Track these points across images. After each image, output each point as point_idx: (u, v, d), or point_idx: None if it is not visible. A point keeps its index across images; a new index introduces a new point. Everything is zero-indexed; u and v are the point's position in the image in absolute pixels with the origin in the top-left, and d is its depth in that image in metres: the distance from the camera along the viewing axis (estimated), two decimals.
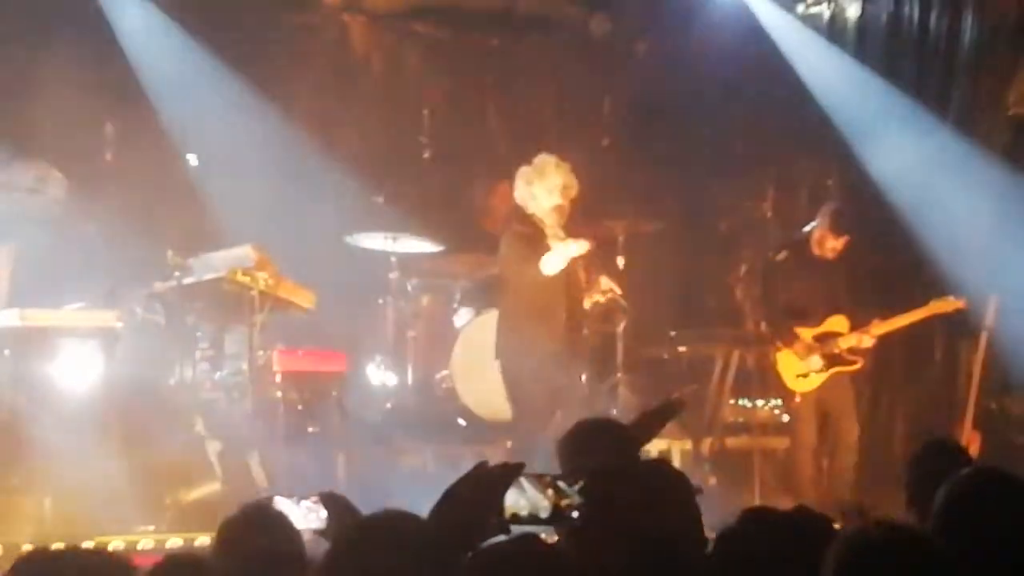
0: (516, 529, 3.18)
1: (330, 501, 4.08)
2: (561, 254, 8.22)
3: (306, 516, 4.02)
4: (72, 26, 10.21)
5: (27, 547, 7.17)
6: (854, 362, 9.17)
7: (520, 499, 3.15)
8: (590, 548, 3.29)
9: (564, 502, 3.20)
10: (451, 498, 2.99)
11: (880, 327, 9.14)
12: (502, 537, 3.14)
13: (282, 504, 4.13)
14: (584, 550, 3.29)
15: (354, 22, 11.54)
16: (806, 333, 9.16)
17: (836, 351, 9.10)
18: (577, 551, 3.33)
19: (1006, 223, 9.98)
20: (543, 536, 3.24)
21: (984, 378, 9.46)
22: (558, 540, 3.60)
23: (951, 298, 9.19)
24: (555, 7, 11.84)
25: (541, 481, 3.18)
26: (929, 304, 9.19)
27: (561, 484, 3.21)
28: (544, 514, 3.19)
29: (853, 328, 9.15)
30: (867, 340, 9.13)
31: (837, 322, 9.19)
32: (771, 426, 9.84)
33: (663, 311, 10.61)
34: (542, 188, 8.40)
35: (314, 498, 4.06)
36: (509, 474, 3.02)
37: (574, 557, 3.24)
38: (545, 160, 8.47)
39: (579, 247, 8.23)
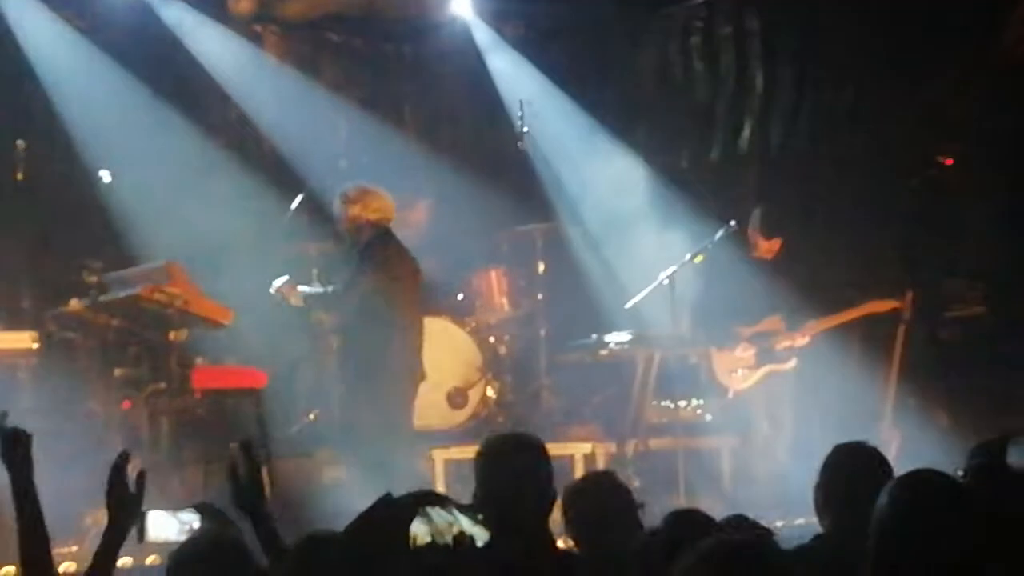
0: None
1: (206, 511, 4.15)
2: None
3: (183, 527, 4.11)
4: None
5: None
6: (787, 360, 9.30)
7: (425, 527, 3.15)
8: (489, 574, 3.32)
9: (469, 530, 3.20)
10: (359, 528, 2.99)
11: (815, 327, 9.28)
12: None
13: (158, 516, 4.17)
14: None
15: (266, 32, 11.48)
16: (741, 332, 9.28)
17: (770, 349, 9.24)
18: None
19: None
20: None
21: (903, 375, 9.60)
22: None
23: (888, 300, 9.39)
24: (466, 13, 11.81)
25: (446, 509, 3.18)
26: (866, 304, 9.36)
27: (467, 512, 3.21)
28: (447, 541, 3.19)
29: (788, 327, 9.28)
30: (801, 340, 9.28)
31: (772, 322, 9.31)
32: (695, 426, 9.89)
33: (583, 315, 10.63)
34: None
35: (190, 509, 4.13)
36: (416, 503, 3.02)
37: None
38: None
39: None
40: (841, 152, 11.35)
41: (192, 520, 4.20)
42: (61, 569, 7.43)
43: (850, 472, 4.65)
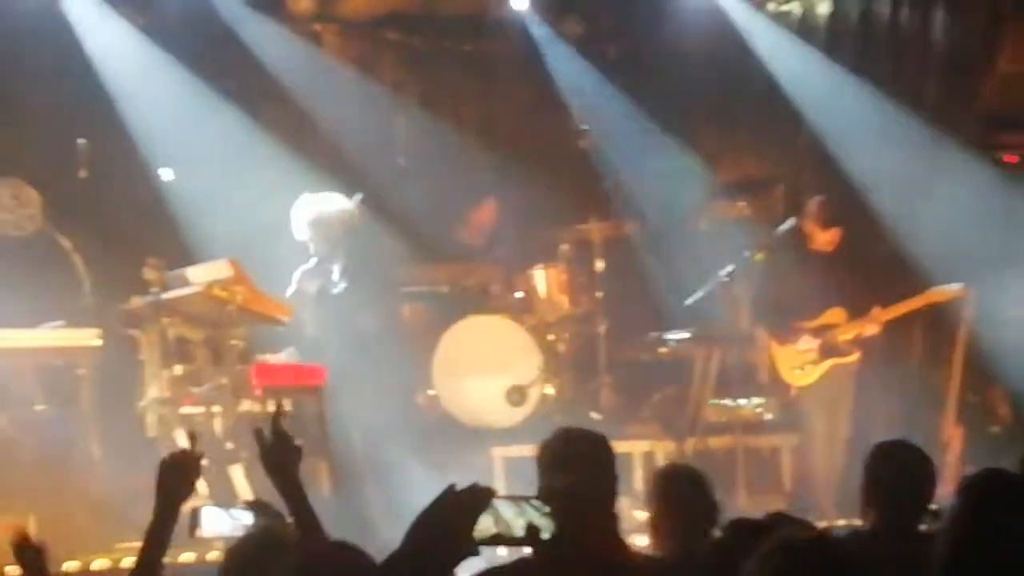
0: (487, 551, 3.18)
1: (259, 508, 4.17)
2: None
3: (237, 523, 4.13)
4: (44, 44, 10.18)
5: (12, 569, 7.17)
6: (849, 353, 9.25)
7: (492, 520, 3.14)
8: (561, 569, 3.31)
9: (535, 522, 3.18)
10: (423, 523, 2.98)
11: (882, 313, 9.21)
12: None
13: (213, 512, 4.19)
14: (555, 571, 3.31)
15: (326, 31, 11.52)
16: (802, 326, 9.24)
17: (833, 342, 9.19)
18: (549, 572, 3.34)
19: (980, 217, 10.05)
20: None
21: (965, 372, 9.53)
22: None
23: (951, 286, 9.30)
24: (527, 10, 11.82)
25: (514, 502, 3.17)
26: (927, 292, 9.29)
27: (534, 504, 3.20)
28: (518, 534, 3.18)
29: (852, 318, 9.23)
30: (870, 327, 9.22)
31: (834, 314, 9.27)
32: (754, 424, 9.86)
33: (643, 313, 10.62)
34: None
35: (244, 505, 4.15)
36: (482, 496, 3.01)
37: None
38: None
39: None
40: None
41: (246, 517, 4.22)
42: (123, 564, 7.50)
43: (893, 469, 4.64)
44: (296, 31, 11.33)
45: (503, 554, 3.83)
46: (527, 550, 3.58)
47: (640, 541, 5.22)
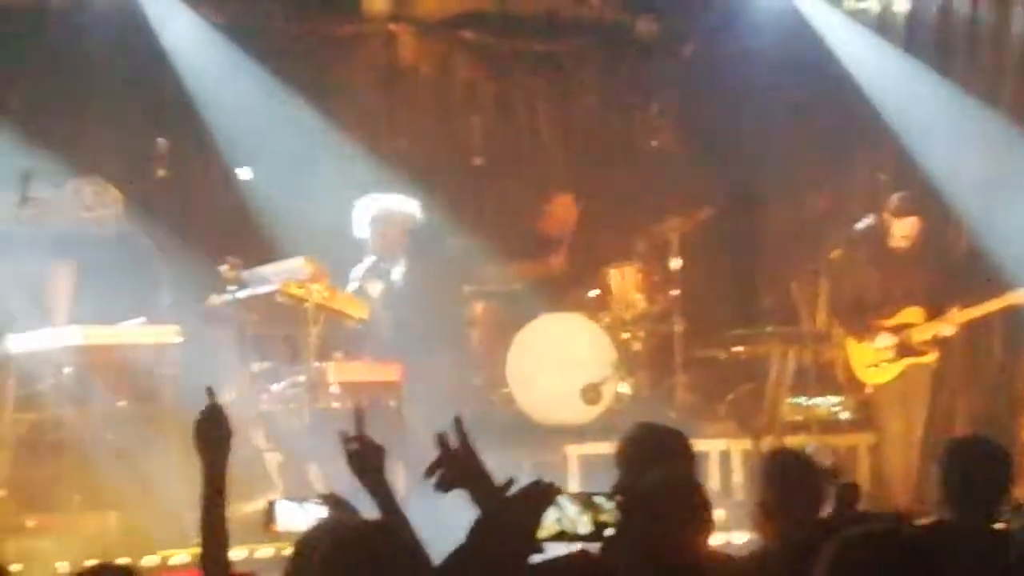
0: (553, 547, 3.19)
1: (334, 502, 4.21)
2: None
3: (312, 517, 4.19)
4: (122, 43, 10.28)
5: (91, 563, 7.27)
6: (926, 353, 9.19)
7: (558, 516, 3.16)
8: (625, 564, 3.32)
9: (602, 518, 3.20)
10: (490, 518, 3.00)
11: (960, 315, 9.14)
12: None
13: (288, 507, 4.24)
14: (619, 567, 3.31)
15: (401, 31, 11.58)
16: (879, 324, 9.19)
17: (909, 342, 9.13)
18: (613, 568, 3.34)
19: None
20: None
21: None
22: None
23: None
24: (602, 9, 11.82)
25: (579, 498, 3.18)
26: (1006, 295, 9.20)
27: (598, 500, 3.21)
28: (583, 531, 3.20)
29: (929, 318, 9.17)
30: (947, 328, 9.15)
31: (911, 313, 9.21)
32: (831, 423, 9.81)
33: (719, 311, 10.59)
34: None
35: (317, 499, 4.19)
36: (548, 493, 3.03)
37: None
38: None
39: None
40: None
41: (320, 511, 4.26)
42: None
43: (969, 463, 4.60)
44: (371, 31, 11.40)
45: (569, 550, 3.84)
46: (592, 547, 3.59)
47: (715, 539, 5.21)
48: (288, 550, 6.84)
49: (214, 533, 4.11)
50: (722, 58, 11.40)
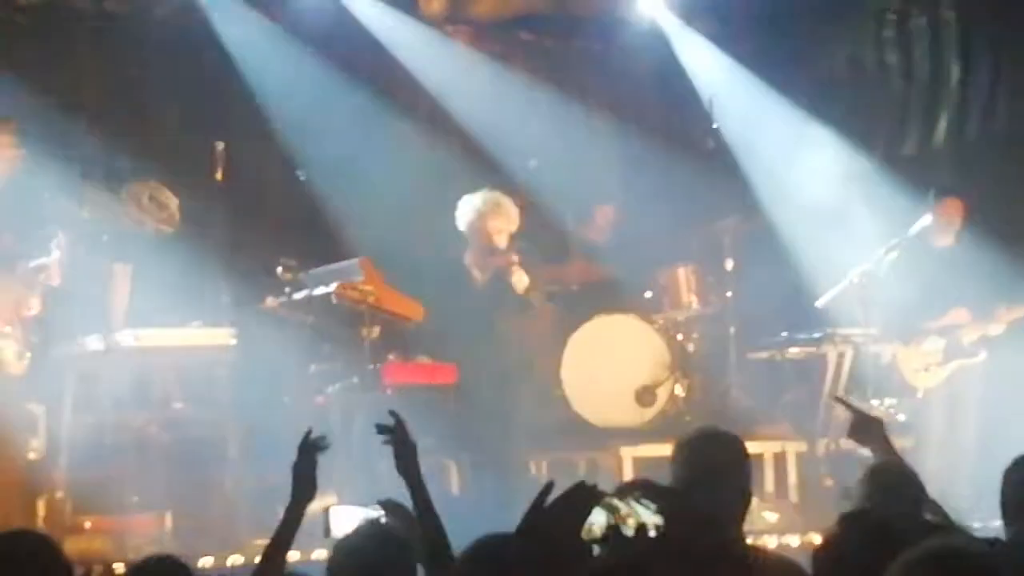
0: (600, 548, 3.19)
1: (391, 507, 4.23)
2: None
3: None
4: (181, 47, 10.35)
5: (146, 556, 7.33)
6: (976, 354, 9.11)
7: (604, 518, 3.16)
8: (675, 567, 3.31)
9: (647, 521, 3.20)
10: (537, 519, 3.00)
11: (1008, 313, 9.06)
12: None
13: (344, 512, 4.27)
14: (663, 568, 3.30)
15: (458, 33, 11.60)
16: (928, 326, 9.11)
17: (958, 343, 9.05)
18: (659, 569, 3.34)
19: None
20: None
21: None
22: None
23: None
24: (657, 10, 11.80)
25: (625, 500, 3.18)
26: None
27: (644, 502, 3.21)
28: (628, 532, 3.20)
29: (976, 318, 9.09)
30: (994, 328, 9.07)
31: (958, 314, 9.13)
32: (887, 425, 9.71)
33: (774, 312, 10.53)
34: None
35: (376, 505, 4.21)
36: (594, 494, 3.03)
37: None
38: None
39: None
40: None
41: (378, 516, 4.28)
42: (257, 560, 7.61)
43: None
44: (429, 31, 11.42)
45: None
46: (638, 548, 3.59)
47: (769, 541, 5.19)
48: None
49: (284, 541, 4.19)
50: (782, 54, 11.36)
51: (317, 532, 4.56)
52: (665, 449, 4.98)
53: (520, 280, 9.09)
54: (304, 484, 4.38)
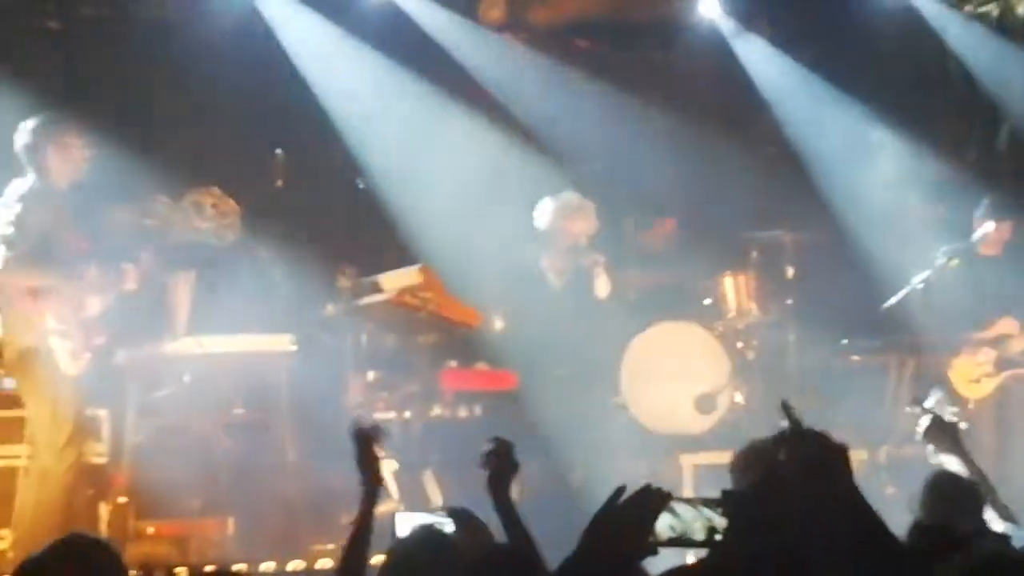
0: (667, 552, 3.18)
1: (457, 515, 4.23)
2: None
3: None
4: (242, 54, 10.41)
5: (210, 568, 7.39)
6: None
7: (672, 522, 3.15)
8: (736, 571, 3.29)
9: (715, 524, 3.19)
10: (603, 523, 2.99)
11: None
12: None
13: (410, 518, 4.28)
14: (731, 572, 3.29)
15: (515, 39, 11.61)
16: (977, 337, 9.03)
17: (1009, 354, 8.97)
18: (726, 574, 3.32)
19: None
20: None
21: None
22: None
23: None
24: (715, 18, 11.77)
25: (692, 504, 3.18)
26: None
27: (711, 506, 3.20)
28: (698, 537, 3.19)
29: None
30: None
31: (1008, 324, 9.05)
32: (961, 430, 9.63)
33: (835, 319, 10.48)
34: None
35: (442, 512, 4.22)
36: (661, 498, 3.02)
37: None
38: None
39: None
40: None
41: (444, 522, 4.29)
42: (318, 566, 7.65)
43: None
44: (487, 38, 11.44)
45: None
46: (705, 552, 3.58)
47: None
48: None
49: (360, 543, 4.21)
50: (841, 61, 11.31)
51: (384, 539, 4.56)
52: (725, 456, 4.97)
53: (603, 284, 9.11)
54: (369, 473, 4.39)
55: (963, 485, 4.89)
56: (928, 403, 5.36)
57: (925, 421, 5.19)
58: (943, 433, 5.02)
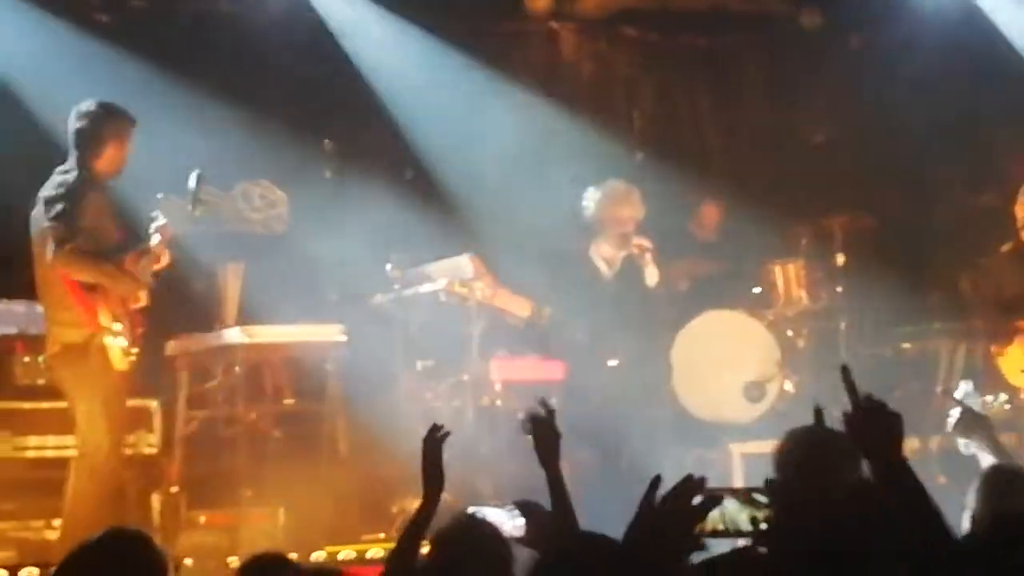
0: (712, 543, 3.18)
1: (527, 509, 4.23)
2: None
3: (503, 525, 4.20)
4: (292, 45, 10.44)
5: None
6: None
7: (719, 512, 3.15)
8: (786, 562, 3.28)
9: (760, 515, 3.19)
10: (650, 513, 2.99)
11: None
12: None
13: (481, 512, 4.28)
14: (775, 563, 3.28)
15: (563, 29, 11.60)
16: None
17: None
18: (773, 563, 3.32)
19: None
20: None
21: None
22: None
23: None
24: (764, 3, 11.73)
25: (737, 494, 3.18)
26: None
27: (756, 497, 3.20)
28: (744, 527, 3.19)
29: None
30: None
31: None
32: (1002, 422, 9.58)
33: (885, 307, 10.42)
34: None
35: (511, 506, 4.22)
36: (703, 488, 3.01)
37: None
38: None
39: None
40: None
41: (515, 516, 4.28)
42: (368, 555, 7.68)
43: None
44: (533, 29, 11.45)
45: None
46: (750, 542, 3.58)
47: None
48: None
49: (416, 534, 4.22)
50: (888, 48, 11.23)
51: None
52: (774, 446, 4.95)
53: (652, 273, 9.12)
54: (435, 477, 4.41)
55: (1018, 475, 4.85)
56: (958, 395, 5.30)
57: (956, 413, 5.14)
58: (975, 425, 4.97)
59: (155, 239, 7.60)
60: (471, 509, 4.47)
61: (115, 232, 7.56)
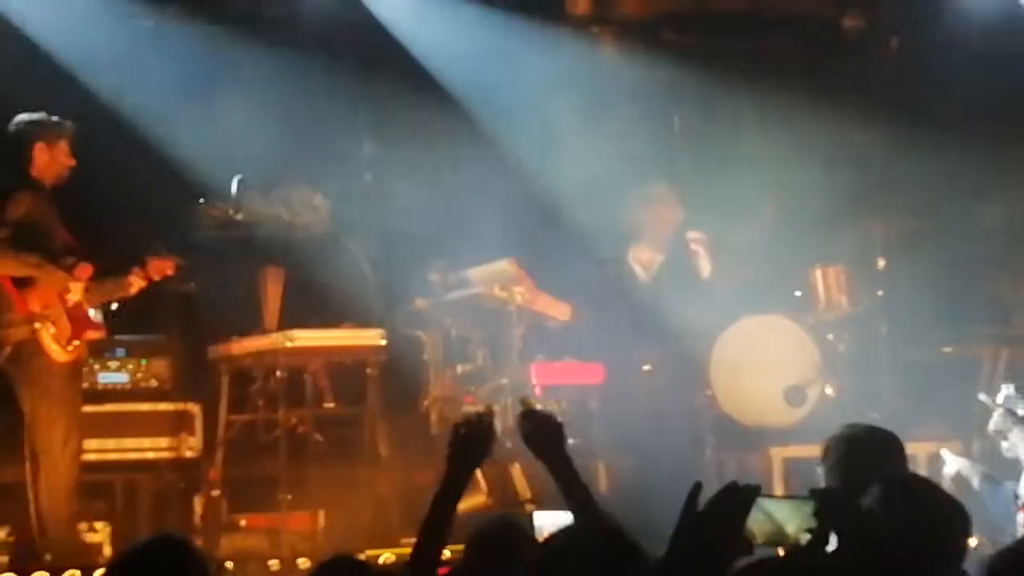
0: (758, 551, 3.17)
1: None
2: None
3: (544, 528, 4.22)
4: (333, 49, 10.46)
5: (303, 561, 7.46)
6: None
7: (763, 519, 3.14)
8: (833, 568, 3.28)
9: (806, 521, 3.18)
10: (694, 524, 2.98)
11: None
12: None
13: (546, 516, 4.28)
14: (826, 569, 3.27)
15: (603, 32, 11.59)
16: None
17: None
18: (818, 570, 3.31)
19: None
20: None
21: None
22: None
23: None
24: (805, 6, 11.69)
25: (782, 501, 3.16)
26: None
27: (803, 502, 3.19)
28: (791, 535, 3.17)
29: None
30: None
31: None
32: None
33: (927, 311, 10.37)
34: None
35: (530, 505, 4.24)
36: (750, 495, 3.00)
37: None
38: None
39: None
40: None
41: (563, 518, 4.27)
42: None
43: None
44: (575, 33, 11.44)
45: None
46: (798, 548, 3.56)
47: None
48: None
49: (436, 532, 4.21)
50: (929, 50, 11.17)
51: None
52: (815, 450, 4.93)
53: (705, 263, 9.13)
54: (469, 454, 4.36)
55: None
56: (1000, 398, 5.27)
57: (998, 416, 5.11)
58: (1008, 427, 4.93)
59: (138, 271, 7.85)
60: (535, 512, 4.46)
61: (61, 234, 7.77)
